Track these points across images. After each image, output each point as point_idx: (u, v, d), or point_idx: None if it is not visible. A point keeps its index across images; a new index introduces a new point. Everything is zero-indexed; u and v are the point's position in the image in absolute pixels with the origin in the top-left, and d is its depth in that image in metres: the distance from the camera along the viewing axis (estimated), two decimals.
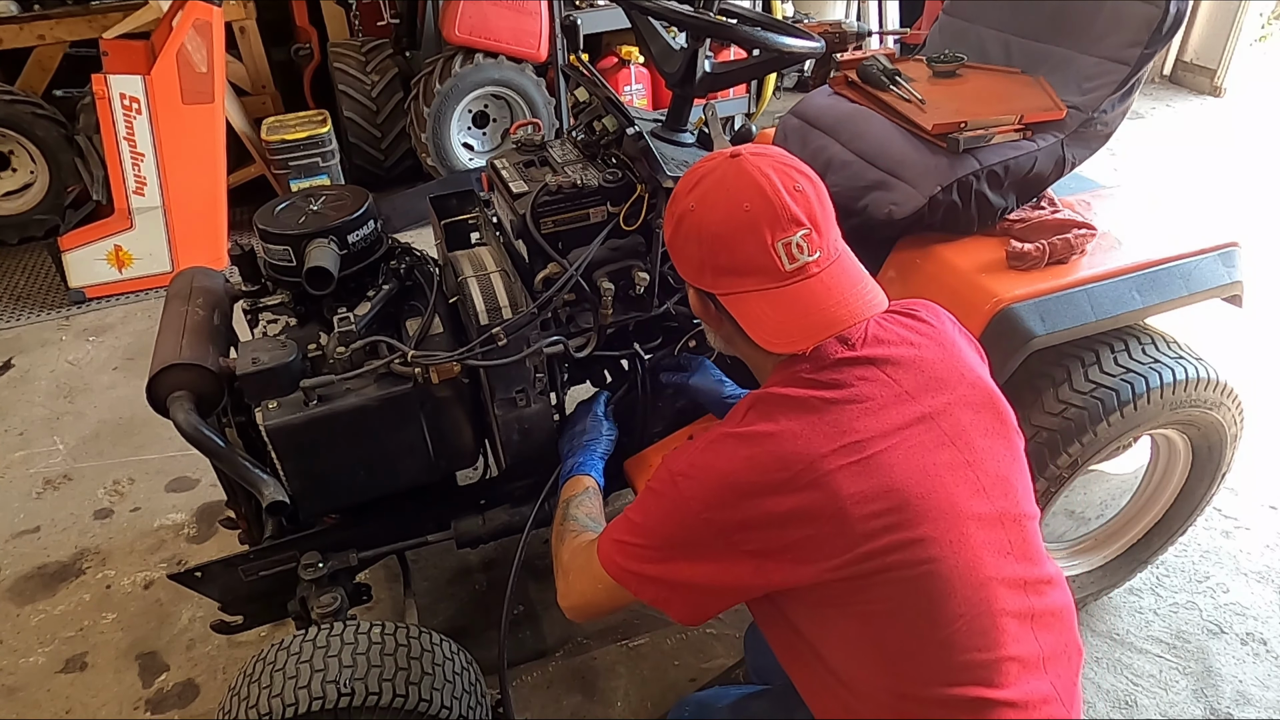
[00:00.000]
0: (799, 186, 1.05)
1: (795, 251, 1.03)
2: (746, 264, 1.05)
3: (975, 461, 1.08)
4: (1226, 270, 1.76)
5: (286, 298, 1.68)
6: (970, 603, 1.03)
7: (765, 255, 1.03)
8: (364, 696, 1.32)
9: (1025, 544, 1.11)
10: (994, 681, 1.04)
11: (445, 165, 4.21)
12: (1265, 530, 2.37)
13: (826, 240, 1.06)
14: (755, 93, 4.86)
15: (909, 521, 1.01)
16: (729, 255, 1.06)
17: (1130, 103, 1.76)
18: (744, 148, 1.10)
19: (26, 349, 3.37)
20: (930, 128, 1.71)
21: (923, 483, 1.03)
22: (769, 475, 1.01)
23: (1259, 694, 1.97)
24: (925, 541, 1.01)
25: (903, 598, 1.02)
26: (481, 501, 1.81)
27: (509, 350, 1.53)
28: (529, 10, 4.02)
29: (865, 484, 1.00)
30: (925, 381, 1.09)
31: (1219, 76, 5.33)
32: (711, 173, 1.08)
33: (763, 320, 1.06)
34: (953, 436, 1.07)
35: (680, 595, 1.10)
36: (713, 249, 1.07)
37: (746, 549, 1.02)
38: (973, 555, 1.04)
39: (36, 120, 3.81)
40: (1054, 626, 1.13)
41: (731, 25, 1.59)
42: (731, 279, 1.07)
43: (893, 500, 1.00)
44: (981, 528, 1.05)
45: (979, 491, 1.07)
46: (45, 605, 2.27)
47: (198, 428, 1.43)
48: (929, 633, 1.03)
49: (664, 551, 1.09)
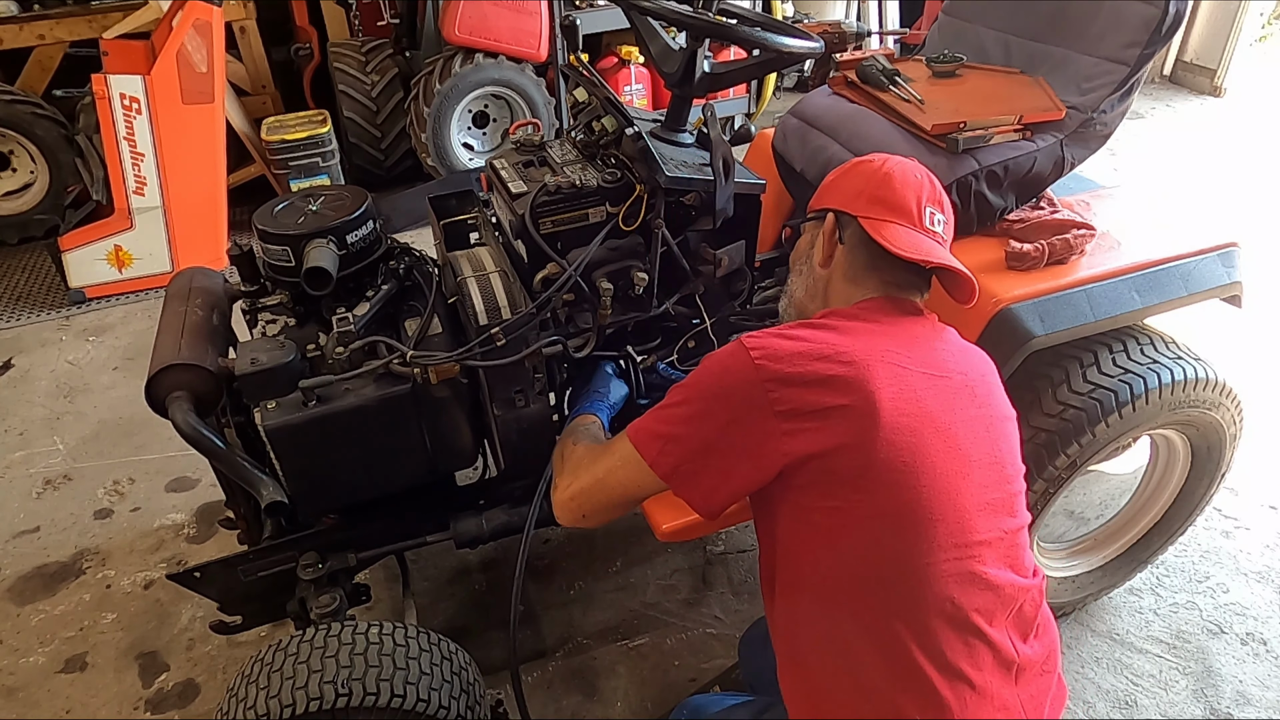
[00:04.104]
0: (941, 197, 1.29)
1: (932, 220, 1.26)
2: (900, 205, 1.25)
3: (994, 437, 1.18)
4: (1226, 270, 1.76)
5: (285, 298, 1.67)
6: (951, 547, 1.09)
7: (915, 208, 1.25)
8: (361, 697, 1.32)
9: (1013, 541, 1.17)
10: (963, 628, 1.09)
11: (445, 165, 4.22)
12: (1265, 530, 2.37)
13: (948, 236, 1.30)
14: (755, 93, 4.87)
15: (923, 445, 1.09)
16: (890, 192, 1.26)
17: (1130, 103, 1.76)
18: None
19: (26, 349, 3.37)
20: (929, 128, 1.71)
21: (945, 419, 1.12)
22: (825, 346, 1.12)
23: (1259, 694, 1.97)
24: (932, 470, 1.08)
25: (892, 503, 1.08)
26: (481, 501, 1.81)
27: (508, 350, 1.53)
28: (529, 10, 4.02)
29: (899, 392, 1.10)
30: (946, 358, 1.21)
31: (1219, 76, 5.33)
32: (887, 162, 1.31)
33: (894, 236, 1.22)
34: (981, 402, 1.19)
35: (701, 462, 1.14)
36: (881, 184, 1.27)
37: (779, 408, 1.08)
38: (964, 502, 1.11)
39: (36, 120, 3.81)
40: (1040, 635, 1.19)
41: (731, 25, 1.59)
42: (882, 209, 1.25)
43: (916, 417, 1.09)
44: (978, 488, 1.13)
45: (986, 458, 1.16)
46: (45, 605, 2.27)
47: (196, 428, 1.43)
48: (908, 560, 1.09)
49: (701, 405, 1.14)
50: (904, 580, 1.09)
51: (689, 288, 1.71)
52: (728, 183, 1.55)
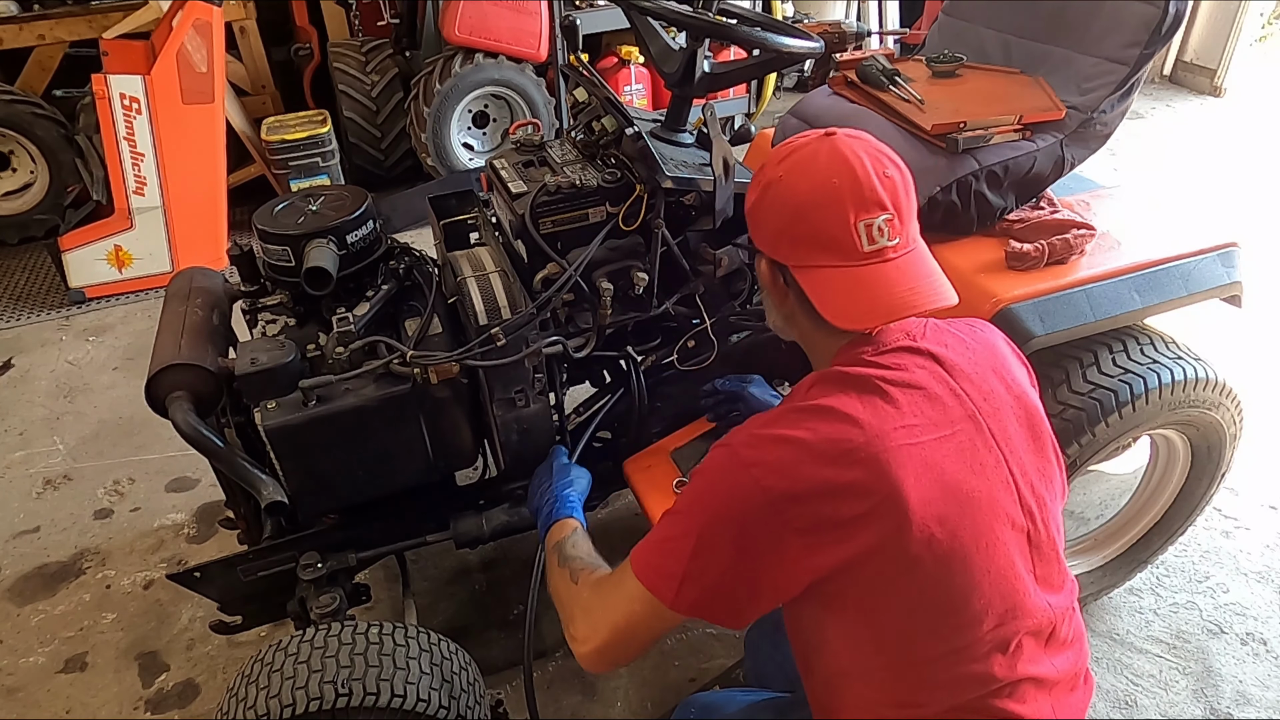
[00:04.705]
0: (888, 172, 1.06)
1: (875, 234, 1.04)
2: (826, 238, 1.05)
3: (1017, 471, 1.08)
4: (1226, 270, 1.76)
5: (285, 298, 1.68)
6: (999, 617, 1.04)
7: (846, 232, 1.04)
8: (361, 697, 1.32)
9: (1048, 564, 1.11)
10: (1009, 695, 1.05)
11: (445, 165, 4.21)
12: (1265, 530, 2.37)
13: (907, 229, 1.08)
14: (755, 93, 4.87)
15: (956, 517, 1.01)
16: (809, 227, 1.07)
17: (1130, 103, 1.76)
18: (840, 129, 1.10)
19: (26, 349, 3.37)
20: (929, 128, 1.71)
21: (970, 480, 1.03)
22: (830, 444, 1.00)
23: (1259, 694, 1.97)
24: (970, 544, 1.01)
25: (933, 592, 1.02)
26: (481, 501, 1.81)
27: (508, 350, 1.53)
28: (529, 10, 4.02)
29: (921, 470, 1.00)
30: (976, 385, 1.09)
31: (1219, 76, 5.33)
32: (804, 146, 1.09)
33: (834, 296, 1.06)
34: (1000, 441, 1.08)
35: (724, 591, 1.04)
36: (795, 219, 1.08)
37: (796, 525, 0.99)
38: (1005, 563, 1.04)
39: (36, 120, 3.81)
40: (1070, 652, 1.14)
41: (731, 25, 1.59)
42: (808, 251, 1.08)
43: (945, 491, 1.00)
44: (1013, 539, 1.06)
45: (1015, 502, 1.07)
46: (45, 605, 2.27)
47: (196, 428, 1.43)
48: (951, 636, 1.03)
49: (710, 536, 1.03)
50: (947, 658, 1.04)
51: (689, 288, 1.72)
52: (728, 183, 1.55)
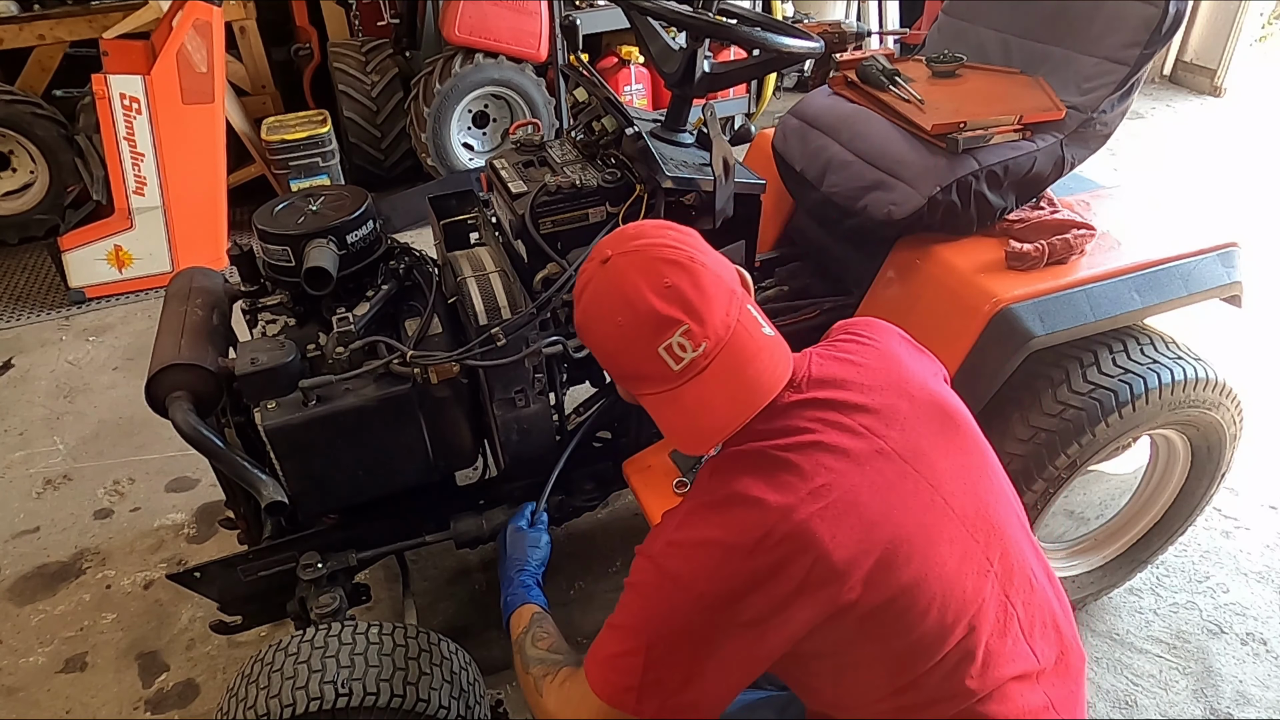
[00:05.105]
0: (668, 281, 1.00)
1: (678, 351, 1.00)
2: (640, 372, 1.04)
3: (940, 485, 1.07)
4: (1226, 270, 1.76)
5: (285, 298, 1.68)
6: (959, 631, 1.05)
7: (652, 362, 1.01)
8: (361, 697, 1.32)
9: (1006, 556, 1.11)
10: (990, 700, 1.06)
11: (445, 165, 4.21)
12: (1265, 530, 2.37)
13: (711, 326, 1.01)
14: (755, 93, 4.87)
15: (893, 562, 1.00)
16: (620, 367, 1.07)
17: (1130, 103, 1.76)
18: (614, 248, 1.06)
19: (26, 349, 3.37)
20: (929, 128, 1.71)
21: (895, 518, 1.02)
22: (745, 535, 0.99)
23: (1259, 694, 1.97)
24: (911, 582, 1.01)
25: (896, 639, 1.03)
26: (481, 501, 1.81)
27: (508, 350, 1.53)
28: (529, 10, 4.02)
29: (842, 528, 0.99)
30: (876, 413, 1.08)
31: (1219, 76, 5.33)
32: (588, 285, 1.07)
33: (669, 420, 1.05)
34: (914, 464, 1.06)
35: (687, 695, 1.02)
36: (608, 361, 1.08)
37: (740, 621, 0.99)
38: (953, 581, 1.04)
39: (36, 120, 3.81)
40: (1048, 634, 1.14)
41: (731, 25, 1.59)
42: (634, 384, 1.07)
43: (873, 541, 1.00)
44: (957, 553, 1.05)
45: (948, 516, 1.06)
46: (45, 605, 2.27)
47: (196, 428, 1.43)
48: (916, 664, 1.05)
49: (659, 650, 1.02)
50: (917, 685, 1.06)
51: None
52: (728, 183, 1.55)
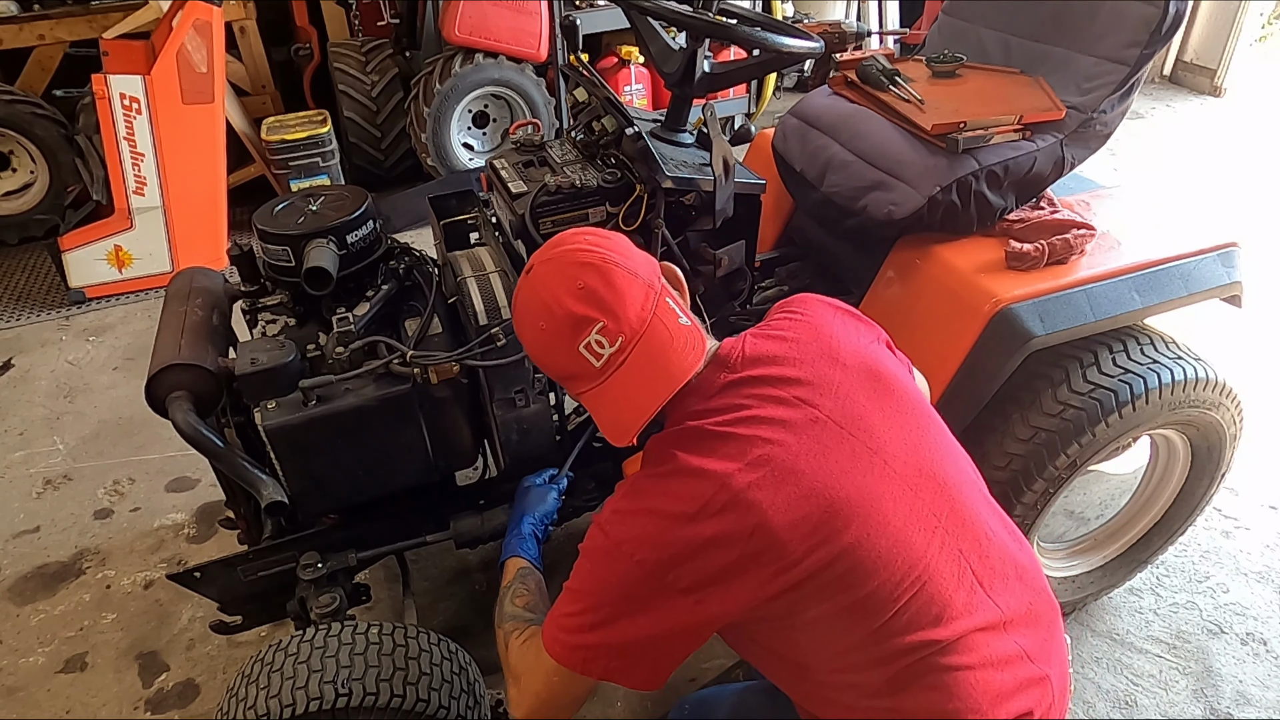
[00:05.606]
0: (581, 284, 1.07)
1: (597, 348, 1.07)
2: (568, 372, 1.12)
3: (880, 447, 1.10)
4: (1226, 270, 1.76)
5: (285, 298, 1.68)
6: (910, 586, 1.05)
7: (576, 362, 1.09)
8: (361, 697, 1.32)
9: (956, 511, 1.12)
10: (953, 650, 1.06)
11: (445, 165, 4.22)
12: (1265, 530, 2.37)
13: (626, 320, 1.07)
14: (755, 93, 4.87)
15: (833, 525, 1.03)
16: (552, 369, 1.15)
17: (1130, 103, 1.76)
18: (537, 257, 1.14)
19: (26, 349, 3.37)
20: (929, 128, 1.71)
21: (834, 482, 1.05)
22: (685, 504, 1.04)
23: (1259, 694, 1.97)
24: (853, 542, 1.03)
25: (844, 598, 1.05)
26: (481, 501, 1.81)
27: (508, 350, 1.53)
28: (529, 10, 4.02)
29: (781, 495, 1.02)
30: (810, 385, 1.12)
31: (1219, 76, 5.33)
32: (517, 296, 1.16)
33: (601, 415, 1.12)
34: (850, 429, 1.10)
35: (629, 658, 1.09)
36: (542, 365, 1.16)
37: (680, 586, 1.03)
38: (900, 540, 1.06)
39: (36, 120, 3.81)
40: (1010, 584, 1.14)
41: (731, 25, 1.59)
42: (570, 384, 1.14)
43: (812, 506, 1.03)
44: (901, 511, 1.07)
45: (889, 476, 1.09)
46: (45, 605, 2.27)
47: (196, 428, 1.43)
48: (873, 621, 1.05)
49: (604, 612, 1.08)
50: (875, 639, 1.06)
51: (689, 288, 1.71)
52: (728, 183, 1.55)
